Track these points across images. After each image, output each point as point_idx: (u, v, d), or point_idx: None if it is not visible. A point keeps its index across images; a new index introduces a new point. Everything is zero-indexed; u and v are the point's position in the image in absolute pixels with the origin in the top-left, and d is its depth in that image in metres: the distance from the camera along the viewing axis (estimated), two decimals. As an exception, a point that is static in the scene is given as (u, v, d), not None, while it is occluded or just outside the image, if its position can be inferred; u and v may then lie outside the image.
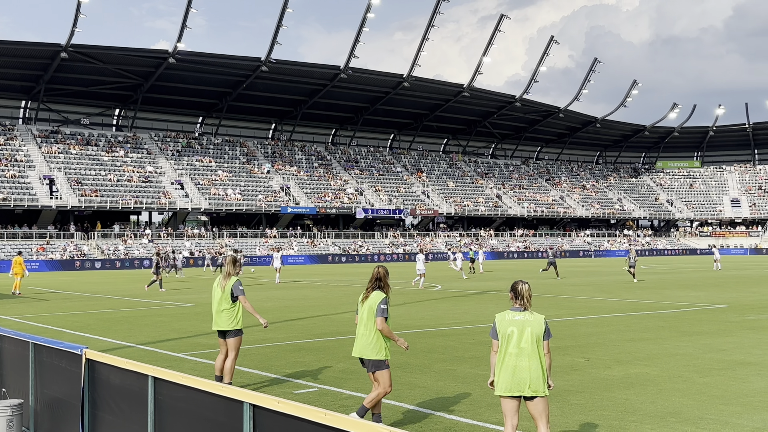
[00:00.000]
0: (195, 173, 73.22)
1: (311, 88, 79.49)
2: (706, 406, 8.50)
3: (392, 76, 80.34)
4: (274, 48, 70.78)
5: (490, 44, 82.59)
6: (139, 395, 5.78)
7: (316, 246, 71.14)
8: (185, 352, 13.09)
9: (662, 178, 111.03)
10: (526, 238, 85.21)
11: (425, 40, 78.46)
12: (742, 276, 37.62)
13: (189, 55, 68.84)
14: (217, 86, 76.61)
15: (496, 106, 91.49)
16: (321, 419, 3.98)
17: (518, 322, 6.17)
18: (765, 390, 9.34)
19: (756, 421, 7.81)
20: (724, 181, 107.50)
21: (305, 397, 9.13)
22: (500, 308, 21.05)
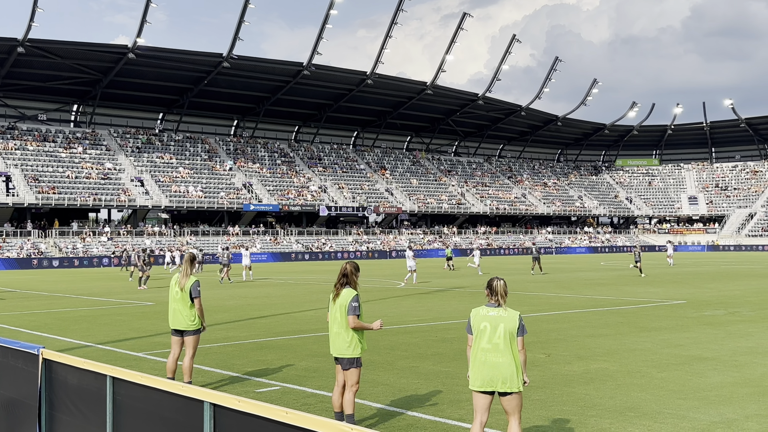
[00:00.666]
0: (155, 170, 72.30)
1: (274, 84, 79.00)
2: (663, 401, 8.65)
3: (355, 73, 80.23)
4: (236, 44, 70.21)
5: (453, 42, 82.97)
6: (97, 395, 5.68)
7: (279, 244, 70.77)
8: (145, 351, 12.93)
9: (622, 176, 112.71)
10: (489, 236, 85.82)
11: (388, 38, 78.53)
12: (699, 272, 38.37)
13: (149, 50, 67.91)
14: (178, 82, 75.70)
15: (459, 104, 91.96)
16: (282, 418, 3.95)
17: (492, 317, 6.22)
18: (721, 384, 9.54)
19: (712, 415, 7.97)
20: (682, 179, 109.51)
21: (267, 396, 9.07)
22: (463, 306, 21.20)
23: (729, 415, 7.92)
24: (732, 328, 15.26)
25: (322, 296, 25.13)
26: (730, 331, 14.69)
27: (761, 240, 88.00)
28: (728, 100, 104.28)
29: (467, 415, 8.07)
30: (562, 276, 36.37)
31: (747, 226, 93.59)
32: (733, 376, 10.04)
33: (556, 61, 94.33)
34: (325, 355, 12.23)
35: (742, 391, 9.08)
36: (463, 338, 14.14)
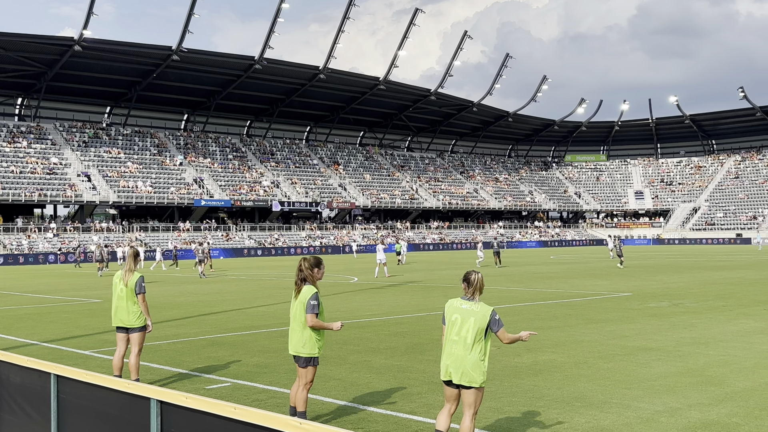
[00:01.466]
0: (103, 165, 70.88)
1: (225, 78, 78.13)
2: (609, 391, 8.84)
3: (308, 67, 79.84)
4: (185, 37, 69.20)
5: (405, 38, 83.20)
6: (41, 394, 5.58)
7: (231, 239, 70.10)
8: (92, 349, 12.70)
9: (571, 171, 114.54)
10: (442, 230, 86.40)
11: (341, 33, 78.34)
12: (644, 265, 39.25)
13: (96, 42, 66.47)
14: (126, 75, 74.28)
15: (412, 99, 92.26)
16: (230, 413, 3.94)
17: (464, 310, 6.25)
18: (665, 374, 9.78)
19: (656, 404, 8.18)
20: (629, 174, 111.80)
21: (218, 393, 9.00)
22: (416, 300, 21.33)
23: (672, 404, 8.14)
24: (676, 319, 15.66)
25: (274, 292, 25.00)
26: (674, 323, 15.07)
27: (704, 234, 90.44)
28: (673, 97, 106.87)
29: (418, 408, 8.13)
30: (514, 270, 36.84)
31: (691, 220, 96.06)
32: (677, 366, 10.31)
33: (506, 58, 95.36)
34: (276, 350, 12.18)
35: (685, 381, 9.33)
36: (415, 332, 14.24)
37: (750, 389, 8.83)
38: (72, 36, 66.34)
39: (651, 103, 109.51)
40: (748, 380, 9.33)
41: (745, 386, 8.99)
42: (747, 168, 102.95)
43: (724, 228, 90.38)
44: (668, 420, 7.52)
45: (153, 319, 9.51)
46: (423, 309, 18.54)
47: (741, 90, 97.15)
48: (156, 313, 17.84)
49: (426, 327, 14.99)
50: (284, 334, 14.13)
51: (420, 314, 17.39)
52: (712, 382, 9.26)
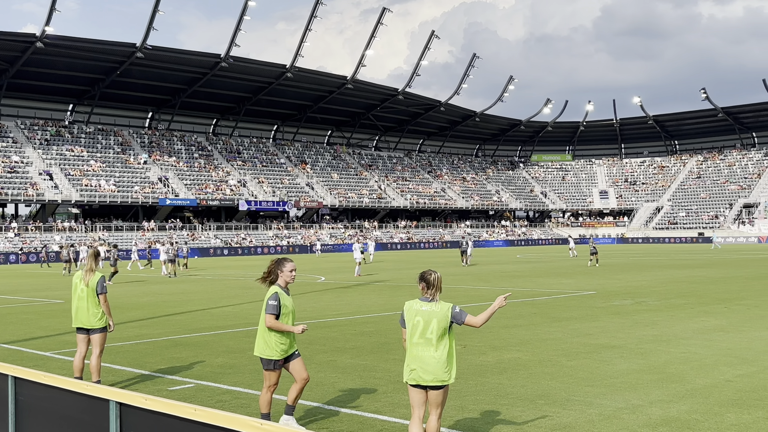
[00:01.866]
0: (65, 163, 69.75)
1: (191, 76, 77.38)
2: (572, 388, 8.93)
3: (275, 66, 79.44)
4: (150, 34, 68.35)
5: (373, 37, 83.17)
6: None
7: (197, 239, 69.47)
8: (53, 350, 12.48)
9: (537, 170, 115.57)
10: (410, 230, 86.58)
11: (308, 31, 78.07)
12: (608, 264, 39.75)
13: (58, 39, 65.37)
14: (90, 72, 73.17)
15: (380, 98, 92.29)
16: (191, 415, 3.90)
17: (425, 312, 6.07)
18: (627, 372, 9.91)
19: (618, 401, 8.28)
20: (594, 173, 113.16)
21: (181, 394, 8.91)
22: (382, 299, 21.33)
23: (634, 401, 8.24)
24: (638, 317, 15.88)
25: (240, 292, 24.83)
26: (637, 320, 15.28)
27: (667, 233, 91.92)
28: (637, 98, 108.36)
29: (383, 407, 8.14)
30: (480, 269, 37.06)
31: (654, 219, 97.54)
32: (639, 364, 10.45)
33: (473, 58, 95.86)
34: (241, 351, 12.09)
35: (647, 378, 9.46)
36: (381, 332, 14.24)
37: (710, 386, 8.98)
38: (34, 32, 65.23)
39: (615, 103, 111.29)
40: (708, 377, 9.49)
41: (705, 383, 9.14)
42: (709, 168, 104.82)
43: (686, 227, 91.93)
44: (630, 417, 7.61)
45: (116, 319, 9.38)
46: (389, 308, 18.55)
47: (703, 91, 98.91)
48: (119, 314, 17.62)
49: (392, 326, 15.01)
50: (249, 335, 14.05)
51: (386, 314, 17.41)
52: (673, 379, 9.40)
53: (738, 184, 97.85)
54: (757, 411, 7.76)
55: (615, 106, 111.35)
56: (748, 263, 38.16)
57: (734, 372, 9.77)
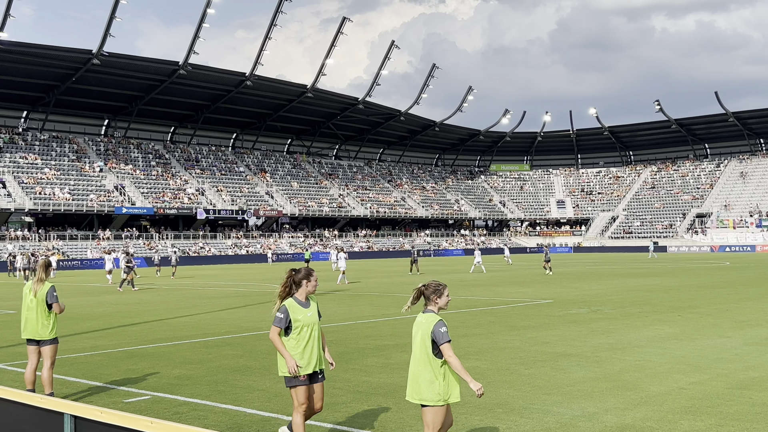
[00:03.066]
0: (18, 171, 68.27)
1: (148, 83, 76.46)
2: (530, 397, 9.02)
3: (234, 74, 78.95)
4: (106, 40, 67.40)
5: (333, 46, 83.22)
6: (-54, 411, 5.32)
7: (153, 248, 68.51)
8: (5, 362, 12.18)
9: (496, 180, 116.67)
10: (369, 239, 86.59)
11: (268, 39, 77.80)
12: (565, 273, 40.25)
13: (12, 45, 64.07)
14: (44, 79, 71.81)
15: (340, 107, 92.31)
16: (147, 428, 3.85)
17: (417, 324, 5.90)
18: (584, 380, 10.05)
19: (575, 409, 8.39)
20: (551, 183, 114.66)
21: (137, 406, 8.77)
22: (342, 309, 21.27)
23: (590, 409, 8.36)
24: (594, 325, 16.11)
25: (198, 302, 24.56)
26: (593, 329, 15.50)
27: (623, 242, 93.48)
28: (593, 109, 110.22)
29: (342, 417, 8.12)
30: (439, 277, 37.14)
31: (610, 229, 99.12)
32: (595, 372, 10.60)
33: (433, 68, 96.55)
34: (198, 362, 11.95)
35: (603, 386, 9.60)
36: (341, 341, 14.19)
37: (664, 393, 9.15)
38: (-14, 37, 63.79)
39: (572, 114, 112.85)
40: (663, 385, 9.67)
41: (660, 391, 9.31)
42: (663, 178, 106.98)
43: (640, 236, 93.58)
44: (586, 424, 7.72)
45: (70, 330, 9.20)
46: (349, 318, 18.53)
47: (657, 103, 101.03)
48: (73, 325, 17.29)
49: (352, 335, 14.98)
50: (207, 345, 13.92)
51: (346, 323, 17.38)
52: (628, 386, 9.56)
53: (691, 194, 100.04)
54: (709, 418, 7.93)
55: (572, 117, 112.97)
56: (701, 272, 38.99)
57: (687, 380, 9.96)
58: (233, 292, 28.98)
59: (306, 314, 6.58)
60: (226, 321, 18.29)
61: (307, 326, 6.58)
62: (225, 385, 10.00)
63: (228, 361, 11.96)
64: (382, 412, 8.33)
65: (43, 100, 75.13)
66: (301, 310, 6.58)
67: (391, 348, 13.21)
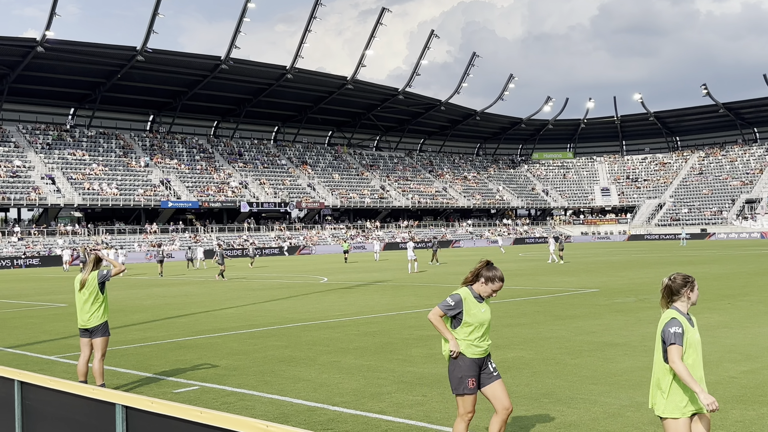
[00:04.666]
0: (67, 167, 69.84)
1: (191, 78, 77.44)
2: (576, 386, 8.93)
3: (275, 67, 79.48)
4: (150, 37, 68.42)
5: (373, 37, 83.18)
6: (5, 401, 5.49)
7: (199, 241, 69.50)
8: (57, 354, 12.51)
9: (538, 168, 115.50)
10: (411, 229, 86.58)
11: (308, 32, 78.08)
12: (611, 261, 39.73)
13: (59, 43, 65.45)
14: (90, 76, 73.27)
15: (380, 98, 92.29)
16: (197, 417, 3.91)
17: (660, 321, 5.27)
18: (630, 369, 9.92)
19: (622, 399, 8.28)
20: (595, 171, 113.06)
21: (185, 396, 8.93)
22: (385, 300, 21.30)
23: (638, 399, 8.25)
24: (642, 314, 15.87)
25: (243, 293, 24.86)
26: (640, 318, 15.28)
27: (670, 229, 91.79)
28: (637, 95, 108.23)
29: (387, 407, 8.15)
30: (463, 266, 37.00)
31: (656, 216, 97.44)
32: (642, 361, 10.45)
33: (473, 57, 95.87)
34: (245, 353, 12.10)
35: (651, 375, 9.45)
36: (384, 332, 14.22)
37: (714, 383, 8.97)
38: (35, 37, 65.27)
39: (616, 100, 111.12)
40: (713, 374, 9.48)
41: (710, 380, 9.10)
42: (710, 164, 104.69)
43: (688, 223, 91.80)
44: (634, 414, 7.62)
45: (119, 323, 9.37)
46: (393, 308, 18.57)
47: (704, 87, 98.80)
48: (122, 317, 17.66)
49: (396, 326, 15.01)
50: (253, 336, 14.08)
51: (390, 313, 17.42)
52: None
53: (740, 179, 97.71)
54: (761, 407, 7.76)
55: (615, 103, 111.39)
56: (751, 259, 38.12)
57: (738, 369, 9.77)
58: (277, 284, 29.27)
59: (480, 309, 6.13)
60: (271, 312, 18.48)
61: (482, 324, 6.09)
62: (271, 375, 10.11)
63: (274, 352, 12.09)
64: (426, 402, 8.34)
65: (90, 97, 76.65)
66: (476, 305, 6.14)
67: (435, 338, 13.21)
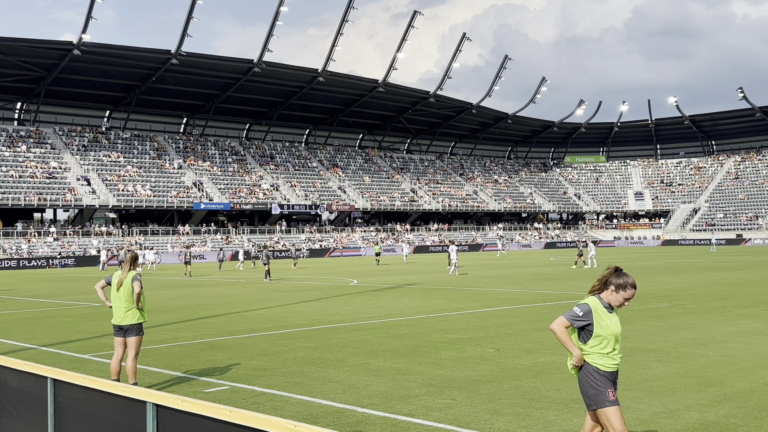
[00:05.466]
0: (102, 169, 70.89)
1: (224, 81, 78.18)
2: (608, 392, 8.81)
3: (307, 70, 79.88)
4: (184, 40, 69.31)
5: (404, 40, 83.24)
6: (38, 398, 5.57)
7: (230, 242, 70.08)
8: (91, 353, 12.68)
9: (570, 172, 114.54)
10: (441, 232, 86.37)
11: (339, 35, 78.37)
12: (644, 266, 39.22)
13: (95, 47, 66.51)
14: (126, 79, 74.35)
15: (411, 101, 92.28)
16: (226, 416, 3.93)
17: None
18: (664, 375, 9.77)
19: (655, 405, 8.16)
20: (629, 175, 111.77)
21: (216, 396, 8.99)
22: (415, 302, 21.25)
23: (671, 406, 8.12)
24: (675, 320, 15.64)
25: (273, 295, 24.99)
26: (674, 323, 15.05)
27: (705, 234, 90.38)
28: (672, 98, 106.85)
29: (416, 410, 8.12)
30: (513, 271, 36.81)
31: (691, 221, 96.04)
32: (676, 367, 10.29)
33: (505, 60, 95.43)
34: (275, 354, 12.16)
35: (684, 382, 9.31)
36: (414, 335, 14.19)
37: (749, 390, 8.81)
38: (71, 40, 66.43)
39: (650, 104, 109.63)
40: (747, 381, 9.31)
41: (744, 387, 8.97)
42: (747, 168, 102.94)
43: (724, 228, 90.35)
44: (667, 421, 7.50)
45: (152, 322, 9.49)
46: (422, 311, 18.52)
47: (740, 90, 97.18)
48: (155, 317, 17.85)
49: (425, 329, 14.97)
50: (283, 338, 14.14)
51: (419, 316, 17.38)
52: (711, 383, 9.24)
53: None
54: (798, 416, 7.59)
55: (650, 106, 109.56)
56: (789, 265, 37.35)
57: (775, 376, 9.56)
58: (307, 286, 29.38)
59: (611, 320, 5.64)
60: (300, 314, 18.55)
61: (614, 336, 5.63)
62: (300, 376, 10.14)
63: (303, 353, 12.13)
64: (455, 406, 8.30)
65: (125, 100, 77.75)
66: (607, 315, 5.64)
67: (464, 342, 13.15)
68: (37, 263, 55.91)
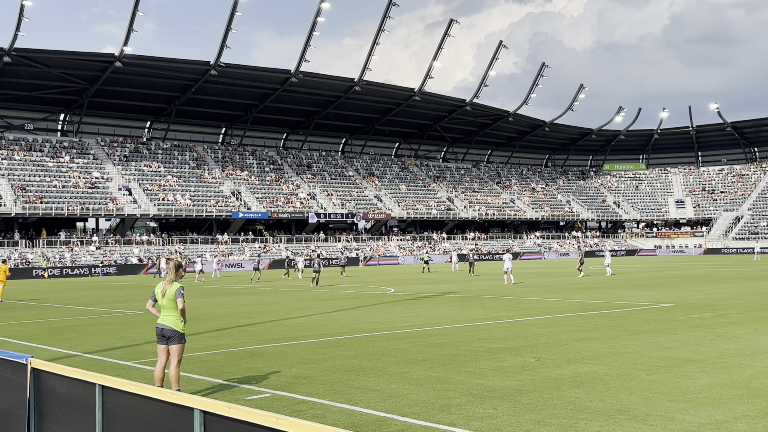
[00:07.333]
0: (143, 178, 72.04)
1: (262, 92, 78.98)
2: (653, 403, 8.68)
3: (343, 80, 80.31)
4: (223, 52, 70.16)
5: (440, 48, 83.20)
6: (86, 404, 5.67)
7: (268, 251, 70.60)
8: (134, 360, 12.86)
9: (609, 180, 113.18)
10: (478, 241, 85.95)
11: (376, 45, 78.68)
12: (687, 275, 38.56)
13: (136, 58, 67.74)
14: (166, 90, 75.55)
15: (447, 110, 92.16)
16: (273, 423, 3.96)
17: None
18: (709, 386, 9.59)
19: (701, 417, 8.01)
20: (669, 182, 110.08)
21: (257, 403, 9.05)
22: (453, 311, 21.17)
23: (718, 417, 7.97)
24: (720, 330, 15.34)
25: (312, 303, 25.10)
26: (718, 334, 14.77)
27: (748, 243, 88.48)
28: (714, 105, 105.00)
29: (458, 419, 8.08)
30: (552, 280, 36.46)
31: (734, 229, 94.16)
32: (722, 378, 10.10)
33: (542, 67, 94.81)
34: (314, 361, 12.20)
35: (731, 393, 9.13)
36: (453, 344, 14.13)
37: (799, 402, 8.60)
38: (113, 53, 67.75)
39: (691, 110, 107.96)
40: (797, 393, 9.09)
41: (794, 399, 8.75)
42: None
43: (767, 237, 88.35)
44: (714, 433, 7.36)
45: (193, 330, 9.62)
46: (461, 320, 18.44)
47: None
48: (196, 324, 18.05)
49: (464, 338, 14.90)
50: (322, 346, 14.19)
51: (458, 325, 17.30)
52: (759, 394, 9.05)
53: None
54: None
55: (690, 113, 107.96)
56: (837, 274, 36.39)
57: (826, 388, 9.32)
58: (345, 294, 29.45)
59: None
60: (338, 322, 18.60)
61: None
62: (340, 384, 10.16)
63: (342, 362, 12.16)
64: (497, 416, 8.24)
65: (165, 111, 78.98)
66: None
67: (504, 351, 13.06)
68: (80, 272, 56.98)
